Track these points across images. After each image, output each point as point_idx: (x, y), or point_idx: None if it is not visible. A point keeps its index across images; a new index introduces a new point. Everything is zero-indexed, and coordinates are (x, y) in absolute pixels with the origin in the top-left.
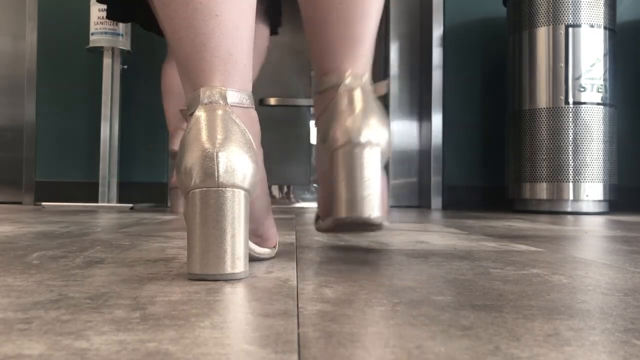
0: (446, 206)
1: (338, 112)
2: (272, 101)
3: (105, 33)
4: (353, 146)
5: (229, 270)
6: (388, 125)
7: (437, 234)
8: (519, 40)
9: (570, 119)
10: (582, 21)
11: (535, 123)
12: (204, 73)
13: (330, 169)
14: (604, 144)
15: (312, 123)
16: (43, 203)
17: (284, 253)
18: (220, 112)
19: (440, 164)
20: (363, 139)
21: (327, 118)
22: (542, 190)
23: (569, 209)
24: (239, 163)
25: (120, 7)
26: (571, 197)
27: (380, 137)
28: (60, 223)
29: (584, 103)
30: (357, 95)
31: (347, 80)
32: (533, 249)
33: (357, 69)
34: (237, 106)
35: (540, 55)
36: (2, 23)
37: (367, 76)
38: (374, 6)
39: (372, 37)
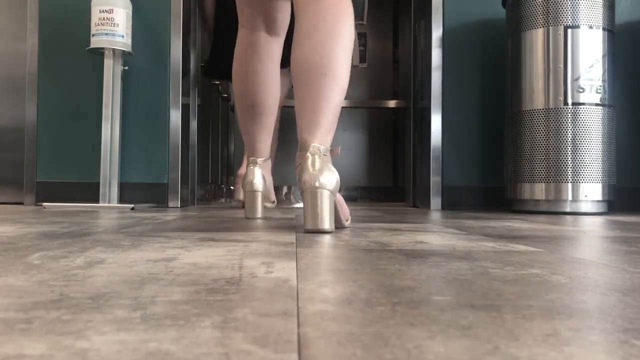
0: (445, 206)
1: (305, 168)
2: None
3: (106, 34)
4: (310, 190)
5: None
6: (333, 175)
7: (437, 234)
8: (518, 41)
9: (569, 119)
10: (580, 22)
11: (534, 124)
12: (252, 151)
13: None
14: (603, 145)
15: None
16: (44, 203)
17: (284, 253)
18: (256, 168)
19: (439, 165)
20: (316, 185)
21: (300, 169)
22: (541, 191)
23: (568, 210)
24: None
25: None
26: (570, 198)
27: (326, 184)
28: (61, 223)
29: (583, 104)
30: (316, 159)
31: (311, 149)
32: (532, 249)
33: (318, 142)
34: (262, 163)
35: (539, 56)
36: (3, 24)
37: (324, 147)
38: (331, 112)
39: (330, 124)
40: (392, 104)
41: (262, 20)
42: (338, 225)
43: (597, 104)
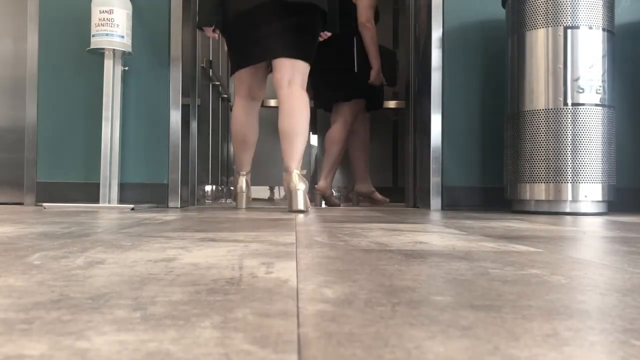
0: (445, 207)
1: (291, 180)
2: (272, 102)
3: (106, 35)
4: (292, 190)
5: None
6: (305, 183)
7: (437, 235)
8: (518, 42)
9: (569, 120)
10: (580, 23)
11: (534, 124)
12: (240, 167)
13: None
14: (603, 145)
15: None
16: (44, 204)
17: (284, 253)
18: (243, 178)
19: (439, 165)
20: (297, 188)
21: (288, 181)
22: (541, 191)
23: (568, 210)
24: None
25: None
26: (570, 198)
27: (302, 187)
28: (61, 224)
29: (583, 104)
30: (294, 177)
31: (293, 172)
32: (532, 249)
33: (294, 167)
34: (247, 174)
35: (539, 56)
36: (4, 25)
37: (298, 169)
38: (299, 147)
39: (301, 155)
40: (392, 104)
41: (248, 92)
42: (305, 209)
43: (596, 105)
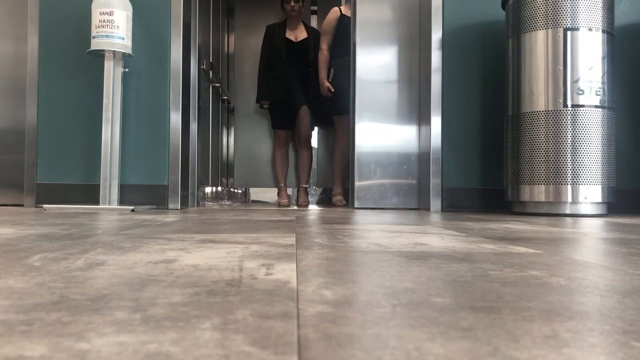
0: (445, 208)
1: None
2: None
3: (107, 36)
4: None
5: None
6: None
7: (436, 236)
8: (518, 43)
9: (569, 121)
10: (580, 24)
11: (534, 126)
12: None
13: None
14: (603, 147)
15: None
16: (44, 205)
17: (284, 255)
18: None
19: (439, 167)
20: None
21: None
22: (541, 193)
23: (568, 211)
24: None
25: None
26: (570, 199)
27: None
28: (61, 225)
29: (583, 106)
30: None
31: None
32: (532, 251)
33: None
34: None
35: (539, 58)
36: (4, 26)
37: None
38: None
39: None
40: None
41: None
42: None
43: (596, 106)
